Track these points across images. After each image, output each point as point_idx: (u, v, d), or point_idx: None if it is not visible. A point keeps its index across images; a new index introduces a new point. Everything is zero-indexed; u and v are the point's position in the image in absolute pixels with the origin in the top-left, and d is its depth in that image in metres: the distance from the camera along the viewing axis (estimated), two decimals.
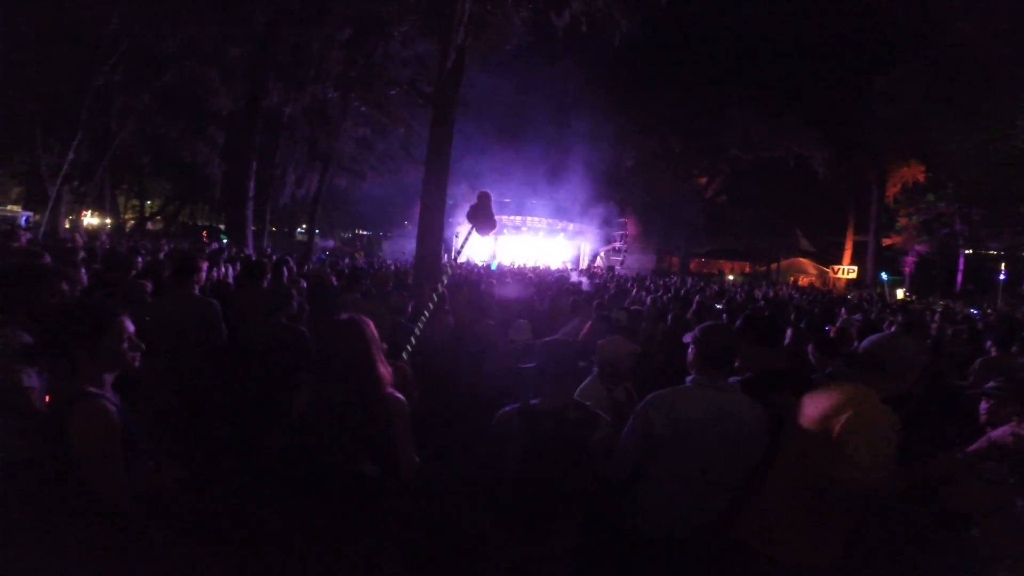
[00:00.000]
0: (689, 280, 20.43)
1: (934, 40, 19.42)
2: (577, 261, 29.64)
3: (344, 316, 2.04)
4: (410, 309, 4.80)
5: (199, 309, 3.35)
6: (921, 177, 25.41)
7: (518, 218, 30.85)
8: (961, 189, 21.76)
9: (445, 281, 2.96)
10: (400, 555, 2.19)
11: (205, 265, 3.64)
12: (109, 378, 1.68)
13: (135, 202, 34.97)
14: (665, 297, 8.50)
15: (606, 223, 30.13)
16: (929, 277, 27.44)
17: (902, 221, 26.20)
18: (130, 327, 1.71)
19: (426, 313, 2.83)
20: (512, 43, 13.08)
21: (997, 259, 24.16)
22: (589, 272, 21.50)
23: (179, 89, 16.85)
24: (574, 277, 16.94)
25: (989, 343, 5.04)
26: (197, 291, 3.52)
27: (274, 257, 8.99)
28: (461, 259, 26.63)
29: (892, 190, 27.20)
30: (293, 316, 3.61)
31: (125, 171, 26.48)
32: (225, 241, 17.67)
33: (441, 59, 9.99)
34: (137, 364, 1.72)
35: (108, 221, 27.93)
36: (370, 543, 1.96)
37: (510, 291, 7.06)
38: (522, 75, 22.34)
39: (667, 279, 19.97)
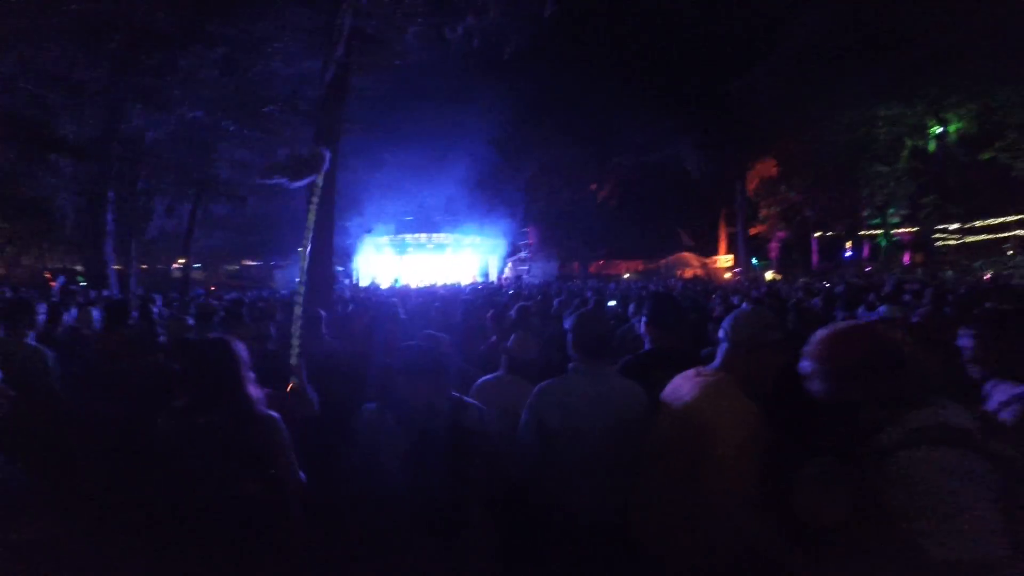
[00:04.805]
0: (591, 282, 21.42)
1: (775, 45, 22.09)
2: (486, 274, 29.84)
3: (213, 336, 2.00)
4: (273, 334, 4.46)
5: (28, 358, 2.99)
6: (774, 172, 28.95)
7: (423, 236, 30.35)
8: (807, 180, 25.06)
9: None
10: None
11: (43, 308, 3.23)
12: None
13: None
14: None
15: (511, 234, 30.73)
16: (791, 259, 31.28)
17: (763, 212, 29.63)
18: None
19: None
20: (404, 59, 12.87)
21: (843, 239, 28.13)
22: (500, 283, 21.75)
23: (12, 113, 14.56)
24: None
25: (838, 310, 5.88)
26: (32, 337, 3.12)
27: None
28: (364, 282, 25.58)
29: (752, 184, 30.67)
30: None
31: None
32: (83, 284, 15.45)
33: (323, 76, 9.61)
34: None
35: None
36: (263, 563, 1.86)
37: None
38: (415, 89, 22.02)
39: (570, 283, 20.76)
